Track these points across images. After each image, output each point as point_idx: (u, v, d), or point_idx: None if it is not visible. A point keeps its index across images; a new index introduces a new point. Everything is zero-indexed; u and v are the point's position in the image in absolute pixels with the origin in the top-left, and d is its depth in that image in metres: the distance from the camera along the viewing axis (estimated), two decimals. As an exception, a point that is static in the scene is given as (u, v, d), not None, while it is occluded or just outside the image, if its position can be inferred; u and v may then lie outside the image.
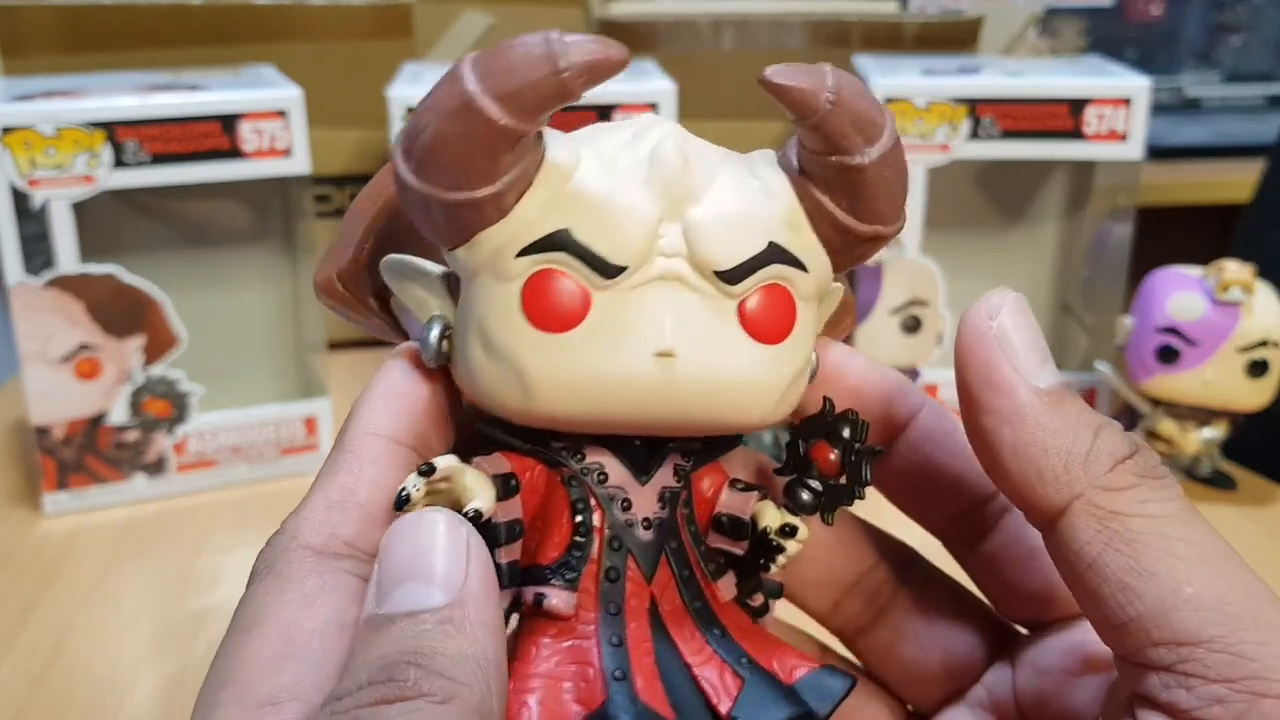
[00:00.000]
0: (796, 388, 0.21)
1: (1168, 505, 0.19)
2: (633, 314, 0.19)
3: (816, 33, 0.73)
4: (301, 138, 0.55)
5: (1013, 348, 0.20)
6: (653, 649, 0.20)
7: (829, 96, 0.19)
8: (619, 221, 0.19)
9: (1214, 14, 1.27)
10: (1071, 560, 0.19)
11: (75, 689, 0.43)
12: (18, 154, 0.51)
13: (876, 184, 0.20)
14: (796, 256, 0.20)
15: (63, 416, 0.54)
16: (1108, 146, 0.59)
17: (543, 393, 0.19)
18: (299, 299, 0.62)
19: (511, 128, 0.18)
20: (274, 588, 0.19)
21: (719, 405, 0.20)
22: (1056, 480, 0.19)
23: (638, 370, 0.19)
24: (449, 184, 0.19)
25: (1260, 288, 0.54)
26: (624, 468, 0.21)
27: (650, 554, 0.21)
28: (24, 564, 0.51)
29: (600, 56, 0.18)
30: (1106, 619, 0.19)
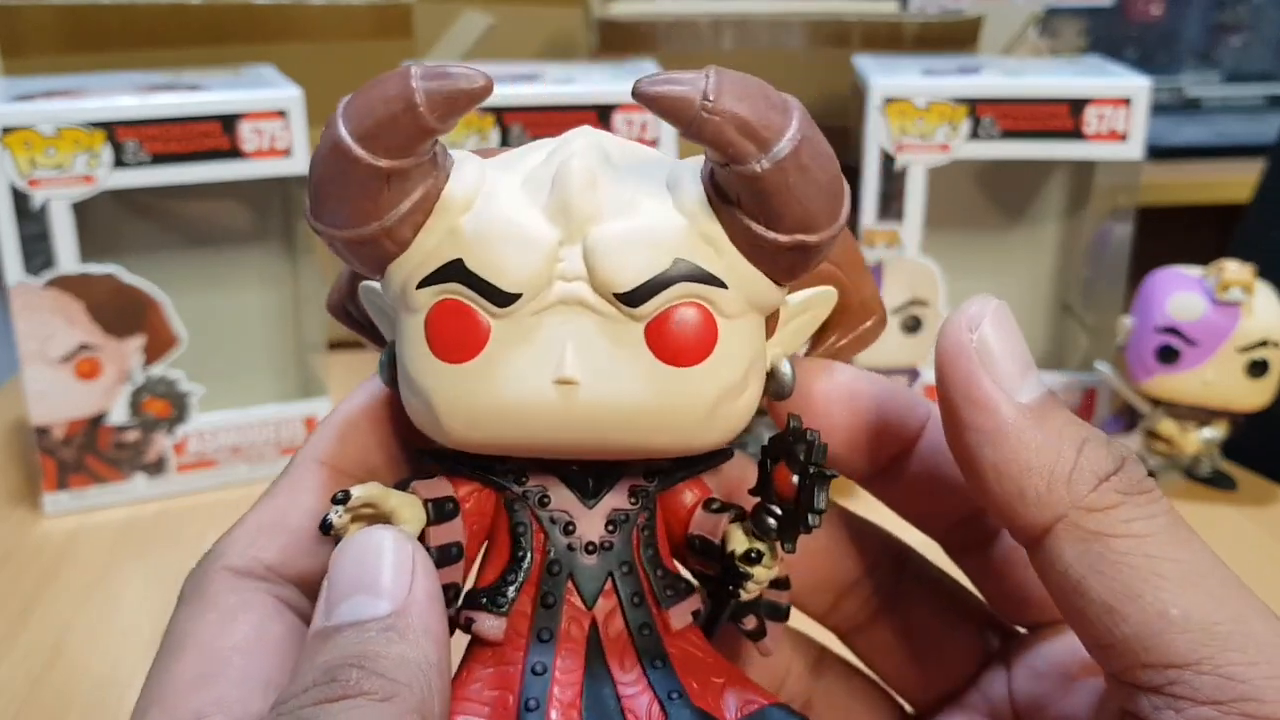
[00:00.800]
0: (733, 408, 0.20)
1: (1153, 523, 0.18)
2: (533, 342, 0.19)
3: (816, 33, 0.73)
4: (301, 138, 0.55)
5: (994, 361, 0.19)
6: (581, 679, 0.19)
7: (704, 104, 0.18)
8: (512, 248, 0.19)
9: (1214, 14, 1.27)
10: (1057, 581, 0.19)
11: (75, 689, 0.43)
12: (18, 154, 0.51)
13: (781, 191, 0.18)
14: (710, 273, 0.19)
15: (63, 416, 0.54)
16: (1108, 146, 0.59)
17: (451, 423, 0.19)
18: (299, 299, 0.62)
19: (378, 166, 0.18)
20: (195, 610, 0.20)
21: (630, 431, 0.19)
22: (1039, 500, 0.19)
23: (538, 399, 0.19)
24: (339, 223, 0.19)
25: (1260, 288, 0.54)
26: (568, 491, 0.20)
27: (592, 578, 0.20)
28: (24, 564, 0.51)
29: (455, 90, 0.18)
30: (1094, 640, 0.19)
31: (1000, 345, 0.19)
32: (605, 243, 0.19)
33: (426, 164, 0.19)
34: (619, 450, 0.20)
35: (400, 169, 0.18)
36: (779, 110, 0.18)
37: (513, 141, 0.57)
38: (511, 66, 0.64)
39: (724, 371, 0.19)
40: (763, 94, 0.18)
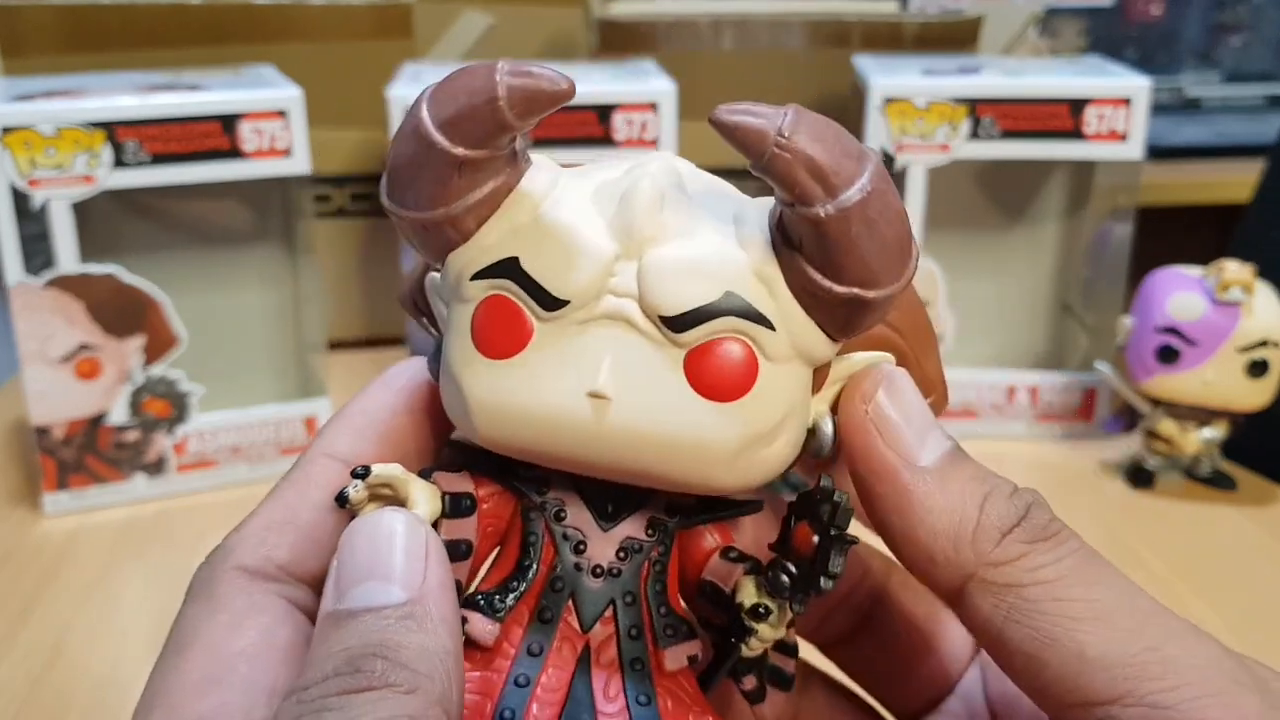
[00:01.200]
0: (761, 455, 0.19)
1: (1060, 566, 0.19)
2: (573, 350, 0.19)
3: (816, 33, 0.73)
4: (301, 138, 0.55)
5: (890, 430, 0.20)
6: (564, 699, 0.19)
7: (778, 139, 0.17)
8: (568, 256, 0.19)
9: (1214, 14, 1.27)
10: (979, 633, 0.19)
11: (75, 689, 0.43)
12: (17, 154, 0.51)
13: (841, 240, 0.18)
14: (759, 311, 0.19)
15: (63, 416, 0.54)
16: (1108, 146, 0.59)
17: (480, 418, 0.19)
18: (299, 299, 0.62)
19: (454, 153, 0.18)
20: (204, 609, 0.20)
21: (654, 458, 0.19)
22: (948, 562, 0.19)
23: (568, 408, 0.19)
24: (408, 204, 0.19)
25: (1260, 288, 0.54)
26: (586, 510, 0.20)
27: (594, 603, 0.20)
28: (24, 564, 0.51)
29: (536, 89, 0.18)
30: (1024, 685, 0.19)
31: (896, 413, 0.20)
32: (660, 265, 0.19)
33: (502, 159, 0.19)
34: (637, 476, 0.19)
35: (473, 159, 0.19)
36: (853, 158, 0.18)
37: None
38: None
39: (757, 414, 0.19)
40: (839, 139, 0.18)
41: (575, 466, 0.20)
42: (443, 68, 0.64)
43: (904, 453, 0.20)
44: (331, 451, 0.21)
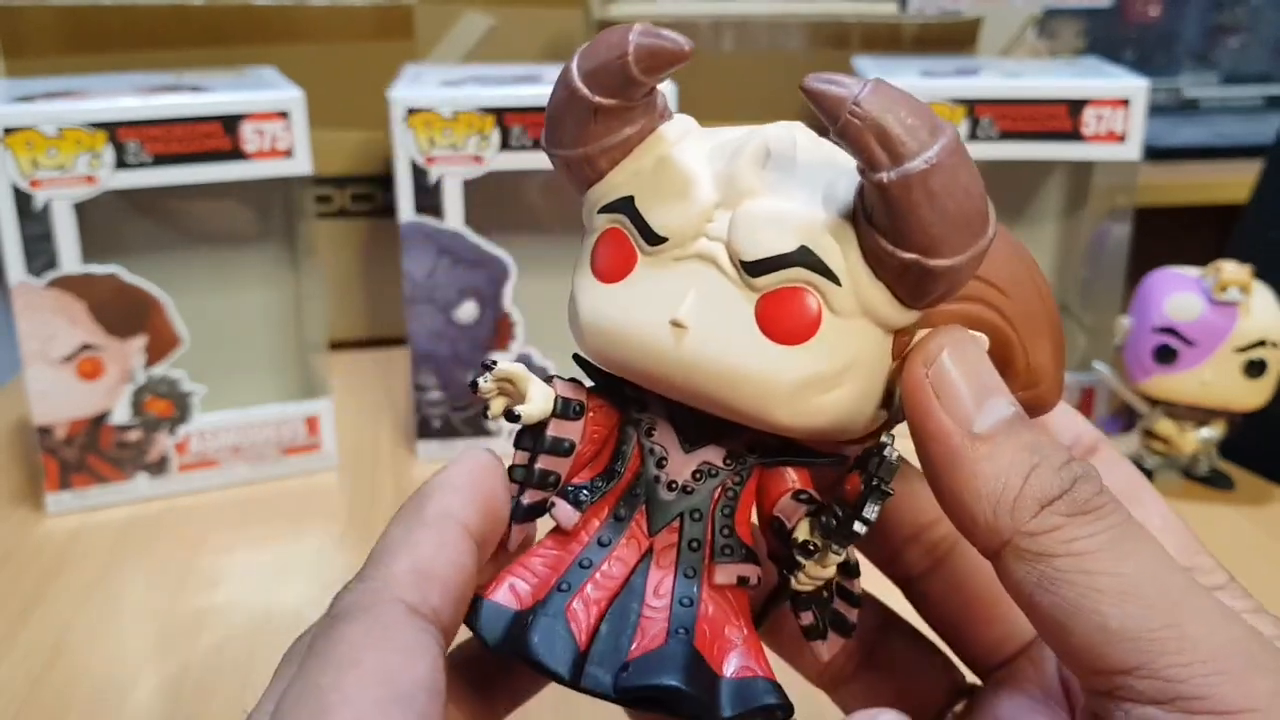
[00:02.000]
0: (818, 400, 0.21)
1: (1094, 540, 0.20)
2: (665, 282, 0.21)
3: (816, 34, 0.73)
4: (303, 138, 0.55)
5: (949, 393, 0.20)
6: (619, 587, 0.21)
7: (852, 107, 0.19)
8: (673, 198, 0.21)
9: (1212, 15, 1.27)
10: (1014, 595, 0.20)
11: (76, 688, 0.43)
12: (20, 155, 0.51)
13: (902, 207, 0.19)
14: (829, 266, 0.20)
15: (65, 416, 0.54)
16: (1106, 147, 0.59)
17: (585, 333, 0.22)
18: (300, 299, 0.62)
19: (588, 99, 0.21)
20: (372, 632, 0.19)
21: (719, 387, 0.21)
22: (987, 527, 0.20)
23: (651, 332, 0.21)
24: (553, 142, 0.22)
25: (1258, 288, 0.54)
26: (673, 431, 0.22)
27: (663, 512, 0.22)
28: (26, 563, 0.51)
29: (660, 48, 0.20)
30: (1054, 648, 0.20)
31: (957, 376, 0.21)
32: (749, 215, 0.21)
33: (636, 110, 0.21)
34: (707, 402, 0.21)
35: (607, 107, 0.21)
36: (926, 130, 0.19)
37: (513, 143, 0.57)
38: (512, 68, 0.64)
39: (816, 361, 0.20)
40: (914, 111, 0.19)
41: (657, 386, 0.22)
42: (444, 69, 0.64)
43: (959, 417, 0.20)
44: (453, 515, 0.22)
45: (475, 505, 0.22)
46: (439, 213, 0.58)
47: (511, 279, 0.59)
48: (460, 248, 0.58)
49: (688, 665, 0.20)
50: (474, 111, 0.56)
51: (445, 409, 0.60)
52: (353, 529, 0.55)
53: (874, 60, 0.65)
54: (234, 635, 0.46)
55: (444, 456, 0.61)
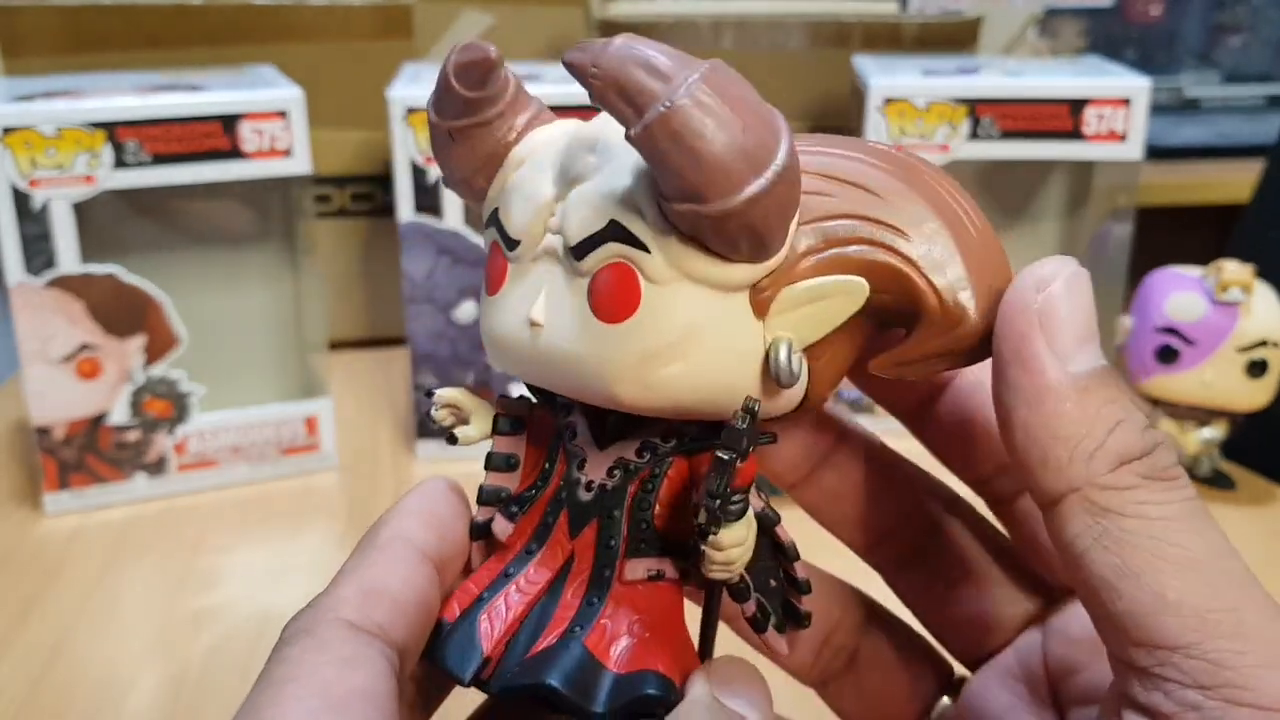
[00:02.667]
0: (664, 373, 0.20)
1: (1168, 508, 0.19)
2: (526, 284, 0.21)
3: (816, 33, 0.73)
4: (302, 138, 0.55)
5: (1054, 326, 0.19)
6: (540, 594, 0.22)
7: (591, 69, 0.19)
8: (518, 201, 0.21)
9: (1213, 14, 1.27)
10: (1063, 549, 0.19)
11: (75, 689, 0.43)
12: (18, 154, 0.51)
13: (656, 157, 0.18)
14: (635, 235, 0.20)
15: (63, 416, 0.54)
16: (1107, 147, 0.59)
17: (486, 346, 0.23)
18: (300, 299, 0.62)
19: (439, 125, 0.22)
20: (310, 648, 0.20)
21: (571, 376, 0.21)
22: (1058, 469, 0.19)
23: (515, 335, 0.21)
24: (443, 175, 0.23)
25: (1259, 288, 0.54)
26: (588, 431, 0.22)
27: (583, 514, 0.22)
28: (24, 564, 0.51)
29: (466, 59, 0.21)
30: (1093, 612, 0.19)
31: (1064, 311, 0.19)
32: (573, 201, 0.21)
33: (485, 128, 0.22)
34: (570, 392, 0.21)
35: (457, 128, 0.22)
36: (665, 74, 0.18)
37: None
38: (512, 66, 0.64)
39: (647, 334, 0.20)
40: (654, 59, 0.18)
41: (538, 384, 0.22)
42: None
43: (1060, 351, 0.19)
44: (408, 538, 0.22)
45: (430, 528, 0.22)
46: (438, 212, 0.57)
47: (511, 279, 0.59)
48: (460, 247, 0.58)
49: (570, 662, 0.20)
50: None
51: (445, 409, 0.60)
52: (352, 529, 0.54)
53: (875, 60, 0.65)
54: (233, 635, 0.46)
55: (444, 456, 0.61)
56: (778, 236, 0.20)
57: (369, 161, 0.71)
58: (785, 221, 0.20)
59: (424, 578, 0.21)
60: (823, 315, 0.21)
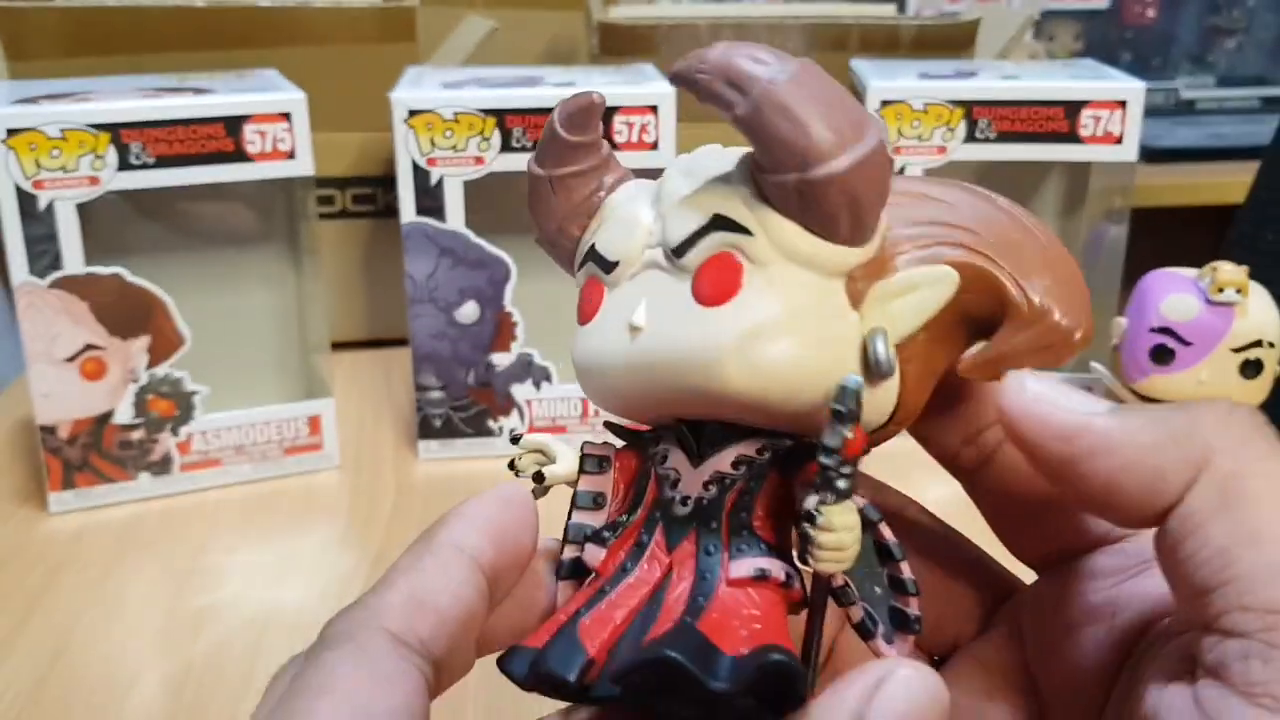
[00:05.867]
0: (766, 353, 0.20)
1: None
2: (624, 300, 0.22)
3: (814, 36, 0.73)
4: (305, 140, 0.55)
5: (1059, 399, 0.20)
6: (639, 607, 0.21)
7: (699, 65, 0.20)
8: (616, 228, 0.23)
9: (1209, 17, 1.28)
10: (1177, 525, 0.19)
11: (79, 687, 0.43)
12: (23, 156, 0.51)
13: (762, 127, 0.20)
14: (736, 221, 0.21)
15: (68, 416, 0.54)
16: (1103, 149, 0.59)
17: (579, 377, 0.23)
18: (303, 300, 0.62)
19: (541, 175, 0.24)
20: (349, 658, 0.19)
21: (674, 370, 0.21)
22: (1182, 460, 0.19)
23: (614, 347, 0.22)
24: (536, 226, 0.25)
25: (1254, 288, 0.54)
26: (680, 452, 0.22)
27: (680, 527, 0.22)
28: (29, 563, 0.52)
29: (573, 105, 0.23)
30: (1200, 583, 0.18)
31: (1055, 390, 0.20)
32: (670, 211, 0.22)
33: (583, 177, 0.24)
34: (679, 395, 0.21)
35: (557, 177, 0.24)
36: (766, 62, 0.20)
37: (513, 144, 0.57)
38: (513, 70, 0.65)
39: (751, 312, 0.21)
40: (757, 51, 0.20)
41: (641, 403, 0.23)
42: (445, 71, 0.65)
43: (1085, 410, 0.20)
44: (464, 547, 0.22)
45: (489, 537, 0.22)
46: (440, 214, 0.58)
47: (512, 280, 0.59)
48: (461, 248, 0.59)
49: (686, 641, 0.19)
50: (475, 113, 0.56)
51: (446, 409, 0.61)
52: (354, 528, 0.55)
53: (872, 63, 0.65)
54: (236, 634, 0.47)
55: (445, 456, 0.61)
56: (874, 214, 0.21)
57: (371, 163, 0.72)
58: (881, 200, 0.21)
59: (474, 590, 0.21)
60: (915, 308, 0.21)
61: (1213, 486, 0.18)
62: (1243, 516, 0.18)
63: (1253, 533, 0.18)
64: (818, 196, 0.20)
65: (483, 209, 0.58)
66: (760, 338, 0.20)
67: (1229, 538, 0.18)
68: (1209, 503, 0.18)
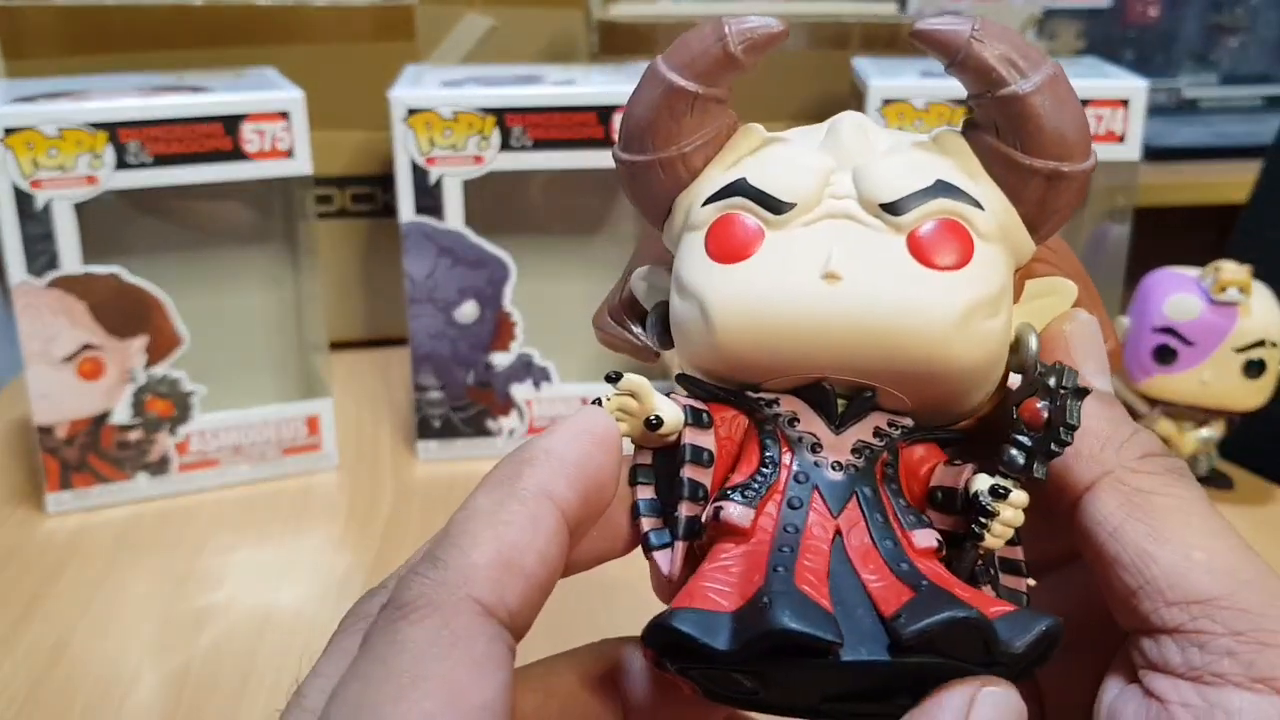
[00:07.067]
0: (985, 327, 0.20)
1: (1189, 492, 0.21)
2: (803, 245, 0.21)
3: (816, 35, 0.73)
4: (303, 139, 0.55)
5: (1079, 350, 0.22)
6: (827, 566, 0.20)
7: (971, 34, 0.20)
8: (790, 168, 0.21)
9: (1211, 15, 1.27)
10: (1094, 530, 0.20)
11: (77, 687, 0.43)
12: (20, 155, 0.51)
13: (1039, 114, 0.20)
14: (968, 193, 0.21)
15: (65, 416, 0.54)
16: (1105, 148, 0.59)
17: (721, 320, 0.21)
18: (301, 299, 0.62)
19: (689, 90, 0.21)
20: (440, 639, 0.17)
21: (888, 329, 0.20)
22: (1091, 457, 0.21)
23: (804, 292, 0.20)
24: (646, 148, 0.22)
25: (1257, 288, 0.54)
26: (816, 416, 0.22)
27: (839, 492, 0.21)
28: (27, 563, 0.51)
29: (761, 29, 0.21)
30: (1124, 586, 0.20)
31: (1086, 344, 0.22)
32: (874, 164, 0.21)
33: (722, 105, 0.22)
34: (873, 353, 0.20)
35: (704, 96, 0.22)
36: (1036, 50, 0.21)
37: (513, 143, 0.57)
38: (512, 68, 0.64)
39: (979, 283, 0.21)
40: (1018, 35, 0.21)
41: (807, 357, 0.21)
42: (444, 70, 0.64)
43: (1086, 371, 0.22)
44: (552, 494, 0.20)
45: (578, 488, 0.20)
46: (439, 213, 0.58)
47: (511, 279, 0.59)
48: (460, 248, 0.58)
49: (951, 599, 0.19)
50: (474, 112, 0.56)
51: (445, 409, 0.61)
52: (353, 529, 0.55)
53: (874, 61, 0.65)
54: (234, 634, 0.46)
55: (444, 456, 0.61)
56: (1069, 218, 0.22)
57: (370, 162, 0.71)
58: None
59: (559, 551, 0.19)
60: (1047, 310, 0.23)
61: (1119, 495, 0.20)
62: (1152, 522, 0.20)
63: (1163, 536, 0.20)
64: (1062, 189, 0.21)
65: (482, 208, 0.58)
66: (980, 311, 0.20)
67: (1145, 540, 0.20)
68: (1118, 513, 0.20)
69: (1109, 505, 0.20)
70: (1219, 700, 0.19)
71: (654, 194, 0.22)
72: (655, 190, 0.22)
